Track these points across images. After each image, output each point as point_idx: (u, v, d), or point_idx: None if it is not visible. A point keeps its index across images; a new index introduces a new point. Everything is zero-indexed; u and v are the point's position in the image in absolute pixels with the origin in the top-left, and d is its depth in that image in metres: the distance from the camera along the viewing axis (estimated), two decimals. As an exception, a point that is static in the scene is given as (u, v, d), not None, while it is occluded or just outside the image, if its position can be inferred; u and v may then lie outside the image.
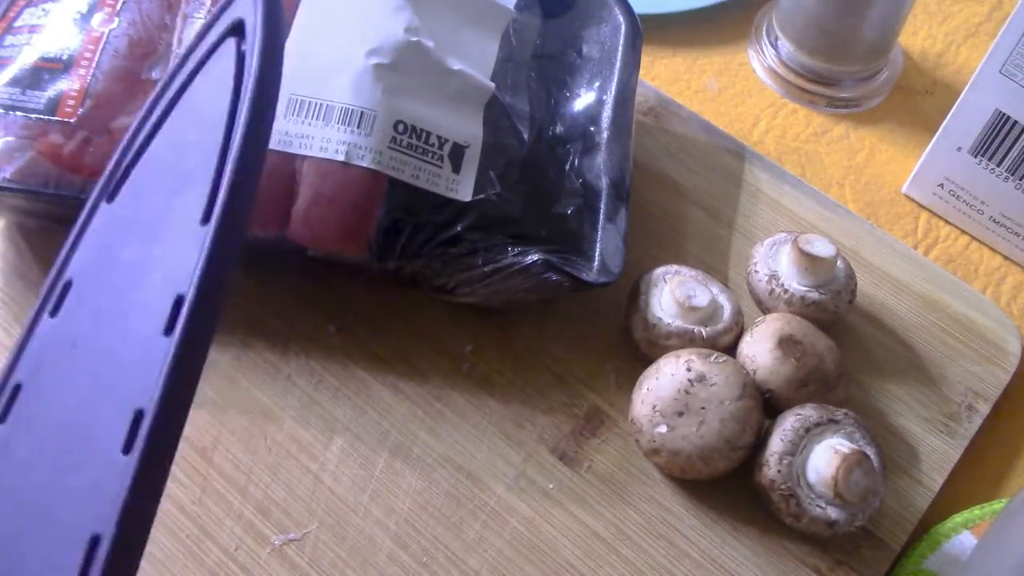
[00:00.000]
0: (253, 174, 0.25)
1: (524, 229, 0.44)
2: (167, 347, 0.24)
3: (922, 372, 0.48)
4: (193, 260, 0.24)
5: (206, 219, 0.25)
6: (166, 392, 0.23)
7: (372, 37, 0.43)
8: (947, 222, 0.56)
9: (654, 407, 0.42)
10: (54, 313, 0.28)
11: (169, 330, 0.24)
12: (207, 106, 0.27)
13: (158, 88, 0.30)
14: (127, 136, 0.29)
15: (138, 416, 0.23)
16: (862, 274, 0.50)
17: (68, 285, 0.28)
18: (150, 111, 0.30)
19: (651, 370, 0.43)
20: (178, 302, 0.24)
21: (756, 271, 0.47)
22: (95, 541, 0.22)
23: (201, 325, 0.24)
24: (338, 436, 0.44)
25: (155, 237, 0.27)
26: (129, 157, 0.29)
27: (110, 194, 0.29)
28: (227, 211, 0.24)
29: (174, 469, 0.43)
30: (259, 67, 0.26)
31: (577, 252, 0.45)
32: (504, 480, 0.44)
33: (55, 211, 0.45)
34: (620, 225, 0.46)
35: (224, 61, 0.27)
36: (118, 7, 0.44)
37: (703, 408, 0.41)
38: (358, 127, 0.42)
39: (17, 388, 0.27)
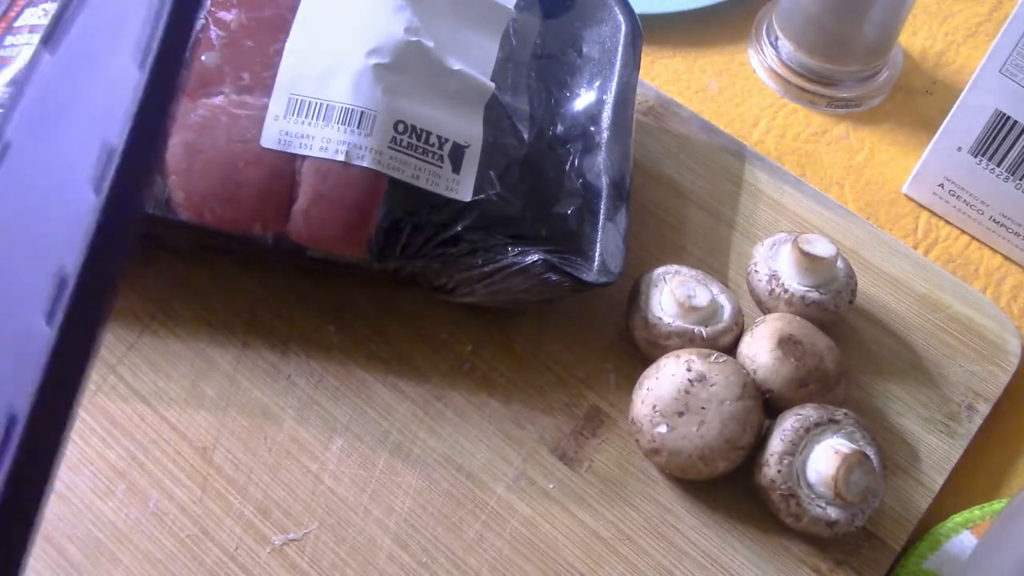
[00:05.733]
0: (190, 6, 0.23)
1: (524, 229, 0.44)
2: (93, 205, 0.22)
3: (922, 372, 0.48)
4: (126, 104, 0.22)
5: (141, 61, 0.23)
6: (89, 256, 0.21)
7: (372, 37, 0.43)
8: (947, 222, 0.56)
9: (654, 407, 0.42)
10: None
11: (98, 186, 0.22)
12: None
13: None
14: None
15: (61, 282, 0.21)
16: (862, 274, 0.51)
17: (6, 147, 0.26)
18: None
19: (651, 370, 0.43)
20: (109, 154, 0.22)
21: (756, 271, 0.47)
22: (11, 421, 0.21)
23: (130, 178, 0.22)
24: (338, 436, 0.44)
25: (93, 87, 0.25)
26: (71, 3, 0.27)
27: (51, 43, 0.27)
28: (164, 48, 0.22)
29: (174, 469, 0.43)
30: None
31: (577, 252, 0.45)
32: (504, 480, 0.44)
33: (55, 211, 0.44)
34: (620, 225, 0.46)
35: None
36: (118, 7, 0.44)
37: (703, 408, 0.41)
38: (358, 127, 0.42)
39: None
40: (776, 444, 0.41)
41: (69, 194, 0.22)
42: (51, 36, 0.27)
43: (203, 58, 0.43)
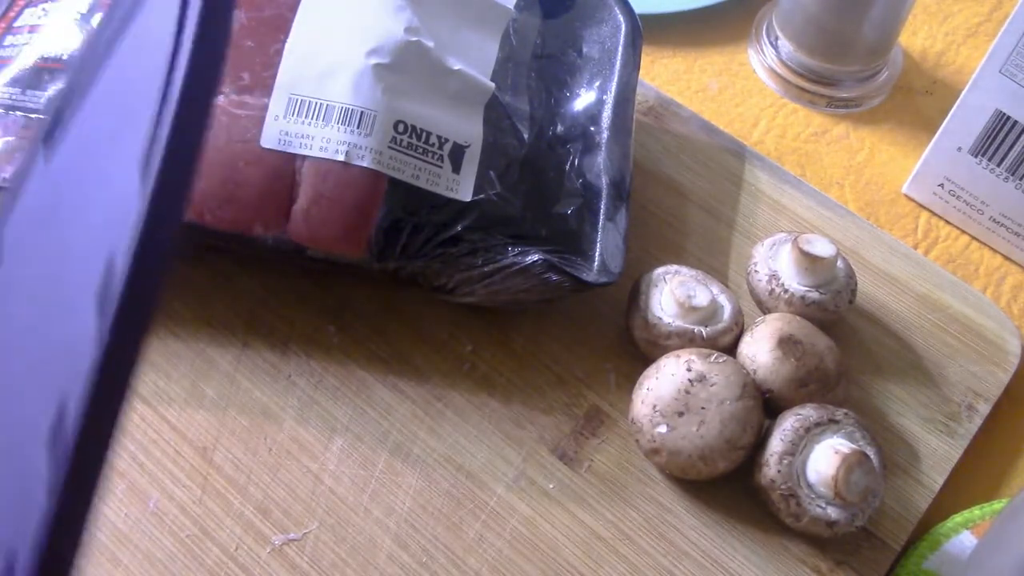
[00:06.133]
0: (198, 110, 0.21)
1: (524, 229, 0.44)
2: (98, 329, 0.19)
3: (922, 372, 0.48)
4: (130, 218, 0.20)
5: (144, 169, 0.20)
6: (94, 384, 0.19)
7: (372, 37, 0.43)
8: (947, 222, 0.56)
9: (654, 407, 0.42)
10: None
11: (101, 306, 0.20)
12: (151, 32, 0.22)
13: (103, 14, 0.25)
14: (69, 72, 0.25)
15: (62, 410, 0.19)
16: (862, 274, 0.50)
17: (0, 254, 0.24)
18: (95, 41, 0.25)
19: (651, 370, 0.43)
20: (112, 272, 0.20)
21: (756, 271, 0.47)
22: (11, 560, 0.19)
23: (137, 299, 0.20)
24: (338, 436, 0.44)
25: (92, 193, 0.22)
26: (72, 96, 0.25)
27: (48, 144, 0.25)
28: (169, 157, 0.20)
29: (174, 469, 0.43)
30: None
31: (577, 252, 0.45)
32: (504, 480, 0.44)
33: (55, 211, 0.44)
34: (620, 225, 0.46)
35: None
36: (118, 7, 0.44)
37: (703, 408, 0.41)
38: (358, 127, 0.42)
39: None
40: (776, 444, 0.41)
41: (70, 314, 0.20)
42: (49, 135, 0.25)
43: (203, 58, 0.43)
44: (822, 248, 0.46)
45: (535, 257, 0.43)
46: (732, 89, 0.60)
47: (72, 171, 0.24)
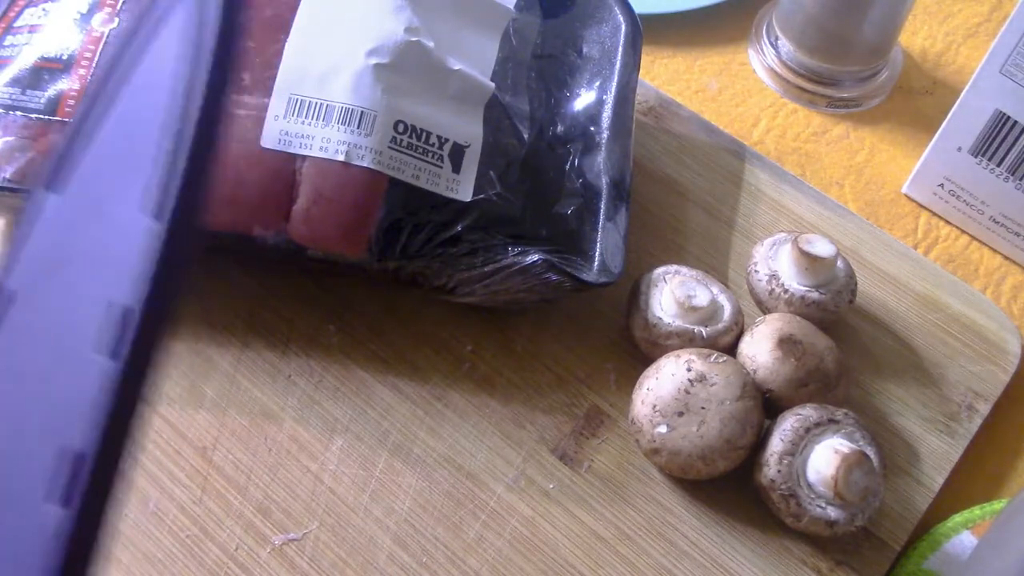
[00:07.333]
0: (206, 152, 0.21)
1: (524, 229, 0.44)
2: (108, 375, 0.19)
3: (922, 372, 0.48)
4: (139, 263, 0.20)
5: (156, 212, 0.20)
6: (104, 433, 0.19)
7: (372, 37, 0.43)
8: (947, 222, 0.56)
9: (654, 407, 0.42)
10: None
11: (114, 353, 0.20)
12: (162, 70, 0.22)
13: (113, 49, 0.24)
14: (78, 110, 0.24)
15: (79, 462, 0.19)
16: (862, 274, 0.50)
17: (11, 298, 0.23)
18: (104, 77, 0.24)
19: (651, 370, 0.43)
20: (124, 317, 0.20)
21: (756, 271, 0.47)
22: None
23: (148, 345, 0.20)
24: (338, 436, 0.44)
25: (101, 237, 0.22)
26: (79, 136, 0.24)
27: (55, 183, 0.24)
28: (180, 200, 0.20)
29: (174, 469, 0.43)
30: (220, 16, 0.20)
31: (577, 252, 0.45)
32: (504, 480, 0.44)
33: (55, 211, 0.44)
34: (620, 225, 0.46)
35: (183, 13, 0.22)
36: (118, 7, 0.44)
37: (703, 408, 0.41)
38: (358, 127, 0.42)
39: None
40: (776, 444, 0.41)
41: (80, 361, 0.20)
42: (56, 172, 0.24)
43: (203, 58, 0.43)
44: (822, 248, 0.46)
45: (535, 257, 0.43)
46: (732, 89, 0.60)
47: (82, 210, 0.24)
